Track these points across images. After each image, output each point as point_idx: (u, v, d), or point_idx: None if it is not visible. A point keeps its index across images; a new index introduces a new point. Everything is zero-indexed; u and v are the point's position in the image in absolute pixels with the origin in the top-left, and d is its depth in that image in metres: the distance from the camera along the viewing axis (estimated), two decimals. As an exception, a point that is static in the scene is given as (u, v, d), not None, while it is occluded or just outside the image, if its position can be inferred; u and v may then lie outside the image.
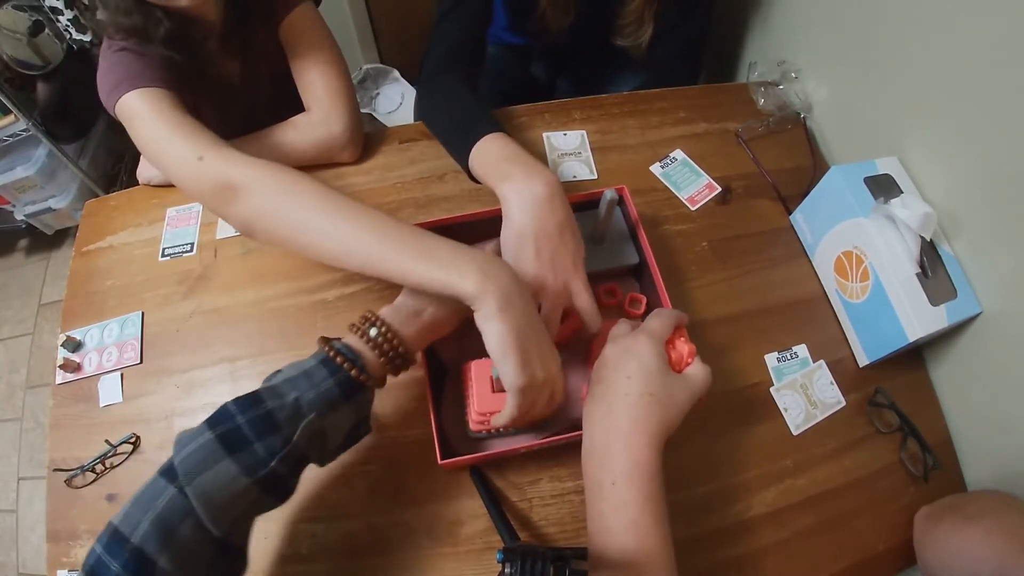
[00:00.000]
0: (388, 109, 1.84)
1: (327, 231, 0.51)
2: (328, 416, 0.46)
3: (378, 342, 0.49)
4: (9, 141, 1.42)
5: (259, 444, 0.42)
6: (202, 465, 0.41)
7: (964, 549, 0.52)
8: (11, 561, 1.39)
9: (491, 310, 0.46)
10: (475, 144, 0.62)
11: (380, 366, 0.49)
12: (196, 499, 0.40)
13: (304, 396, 0.45)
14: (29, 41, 1.33)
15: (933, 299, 0.60)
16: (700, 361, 0.52)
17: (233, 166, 0.55)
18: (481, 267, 0.48)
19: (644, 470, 0.45)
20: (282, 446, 0.43)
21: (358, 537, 0.58)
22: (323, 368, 0.46)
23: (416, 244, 0.50)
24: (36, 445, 1.50)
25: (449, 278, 0.47)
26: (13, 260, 1.79)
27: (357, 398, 0.48)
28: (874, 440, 0.65)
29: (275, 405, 0.44)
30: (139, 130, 0.62)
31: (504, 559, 0.42)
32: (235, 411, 0.43)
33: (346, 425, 0.48)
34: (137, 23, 0.64)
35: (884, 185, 0.66)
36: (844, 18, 0.77)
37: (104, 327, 0.71)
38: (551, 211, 0.54)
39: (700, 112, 0.86)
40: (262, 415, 0.43)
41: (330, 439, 0.47)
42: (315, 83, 0.75)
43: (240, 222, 0.56)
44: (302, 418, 0.44)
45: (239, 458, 0.41)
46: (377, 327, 0.49)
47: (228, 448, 0.41)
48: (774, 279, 0.73)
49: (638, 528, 0.44)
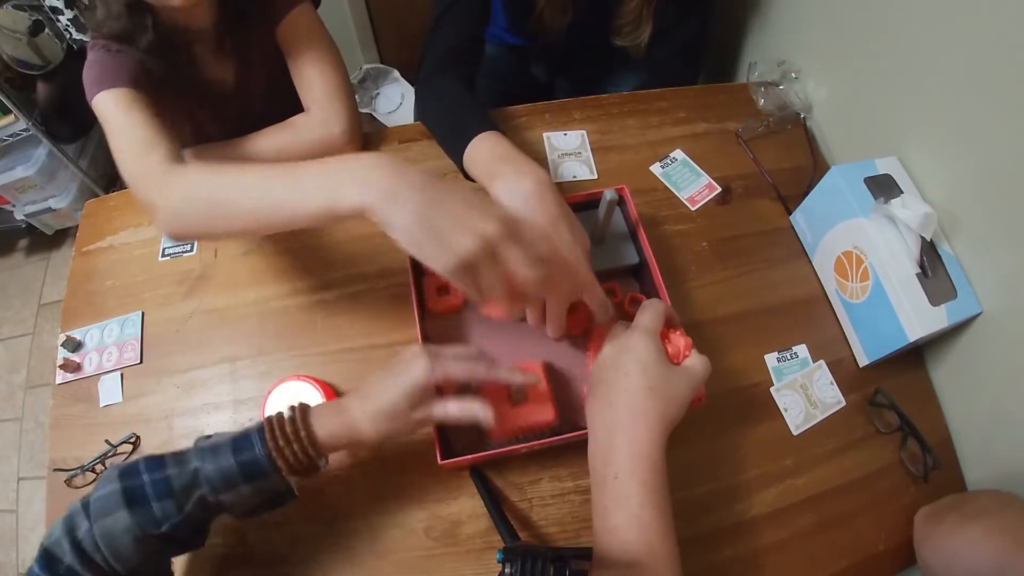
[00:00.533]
0: (388, 109, 1.84)
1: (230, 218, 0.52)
2: (224, 492, 0.46)
3: (286, 433, 0.47)
4: (9, 141, 1.42)
5: (156, 505, 0.44)
6: (105, 511, 0.44)
7: (964, 549, 0.52)
8: (11, 561, 1.39)
9: (384, 215, 0.43)
10: (469, 144, 0.62)
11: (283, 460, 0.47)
12: (100, 539, 0.43)
13: (203, 469, 0.45)
14: (29, 41, 1.33)
15: (933, 299, 0.60)
16: (698, 352, 0.52)
17: (148, 184, 0.57)
18: (357, 176, 0.44)
19: (646, 462, 0.45)
20: (176, 512, 0.45)
21: (358, 537, 0.58)
22: (229, 447, 0.46)
23: (294, 179, 0.47)
24: (36, 445, 1.50)
25: (330, 203, 0.45)
26: (13, 260, 1.79)
27: (259, 482, 0.47)
28: (874, 440, 0.65)
29: (174, 472, 0.45)
30: (106, 130, 0.64)
31: (504, 559, 0.42)
32: (143, 469, 0.46)
33: (252, 501, 0.48)
34: (125, 27, 0.65)
35: (884, 185, 0.66)
36: (844, 18, 0.77)
37: (104, 327, 0.70)
38: (542, 206, 0.54)
39: (700, 112, 0.86)
40: (162, 479, 0.45)
41: (233, 510, 0.48)
42: (314, 84, 0.75)
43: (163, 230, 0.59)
44: (197, 489, 0.45)
45: (136, 513, 0.44)
46: (296, 419, 0.48)
47: (128, 502, 0.44)
48: (774, 279, 0.73)
49: (640, 521, 0.44)
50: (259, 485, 0.47)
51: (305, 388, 0.61)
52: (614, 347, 0.52)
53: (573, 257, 0.53)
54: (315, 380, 0.62)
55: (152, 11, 0.65)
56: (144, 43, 0.66)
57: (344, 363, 0.67)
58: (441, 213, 0.43)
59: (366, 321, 0.69)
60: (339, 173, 0.46)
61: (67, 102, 1.45)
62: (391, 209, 0.43)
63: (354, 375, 0.66)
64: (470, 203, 0.44)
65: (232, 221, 0.52)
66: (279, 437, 0.47)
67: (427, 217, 0.43)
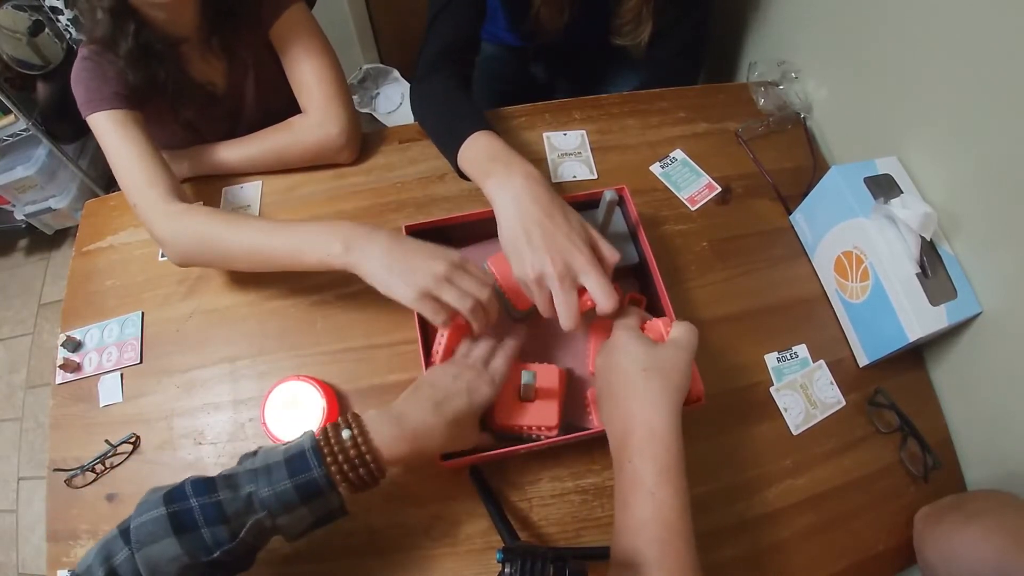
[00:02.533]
0: (388, 109, 1.83)
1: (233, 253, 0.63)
2: (281, 516, 0.44)
3: (345, 448, 0.46)
4: (9, 141, 1.42)
5: (206, 531, 0.42)
6: (151, 537, 0.41)
7: (964, 548, 0.52)
8: (11, 561, 1.39)
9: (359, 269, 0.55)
10: (462, 144, 0.63)
11: (344, 476, 0.46)
12: (143, 566, 0.41)
13: (259, 493, 0.44)
14: (29, 41, 1.33)
15: (933, 299, 0.60)
16: (679, 322, 0.53)
17: (154, 220, 0.65)
18: (339, 239, 0.56)
19: (658, 440, 0.45)
20: (229, 539, 0.42)
21: (358, 537, 0.58)
22: (284, 468, 0.44)
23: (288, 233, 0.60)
24: (36, 445, 1.50)
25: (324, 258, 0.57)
26: (13, 260, 1.79)
27: (317, 502, 0.45)
28: (874, 440, 0.65)
29: (227, 497, 0.43)
30: (105, 151, 0.68)
31: (504, 559, 0.42)
32: (190, 493, 0.43)
33: (304, 522, 0.46)
34: (109, 32, 0.65)
35: (884, 185, 0.66)
36: (844, 18, 0.77)
37: (104, 327, 0.71)
38: (533, 198, 0.55)
39: (700, 112, 0.86)
40: (213, 504, 0.43)
41: (287, 532, 0.46)
42: (310, 85, 0.75)
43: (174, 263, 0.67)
44: (252, 514, 0.43)
45: (184, 540, 0.41)
46: (352, 431, 0.47)
47: (176, 528, 0.42)
48: (774, 279, 0.73)
49: (655, 499, 0.43)
50: (317, 505, 0.45)
51: (305, 388, 0.61)
52: (604, 354, 0.53)
53: (569, 242, 0.53)
54: (315, 380, 0.62)
55: (136, 14, 0.66)
56: (126, 48, 0.66)
57: (344, 363, 0.67)
58: (401, 260, 0.54)
59: (366, 321, 0.69)
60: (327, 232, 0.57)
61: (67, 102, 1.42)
62: (366, 266, 0.55)
63: (354, 375, 0.66)
64: (425, 251, 0.55)
65: (232, 264, 0.66)
66: (339, 456, 0.45)
67: (390, 266, 0.54)
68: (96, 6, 0.64)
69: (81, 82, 0.68)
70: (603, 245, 0.56)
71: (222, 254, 0.63)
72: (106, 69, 0.68)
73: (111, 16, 0.64)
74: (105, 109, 0.66)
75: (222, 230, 0.62)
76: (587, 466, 0.61)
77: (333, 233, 0.57)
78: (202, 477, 0.45)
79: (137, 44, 0.67)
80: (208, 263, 0.69)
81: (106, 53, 0.67)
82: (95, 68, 0.68)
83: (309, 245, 0.58)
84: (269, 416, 0.60)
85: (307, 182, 0.79)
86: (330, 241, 0.56)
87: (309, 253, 0.58)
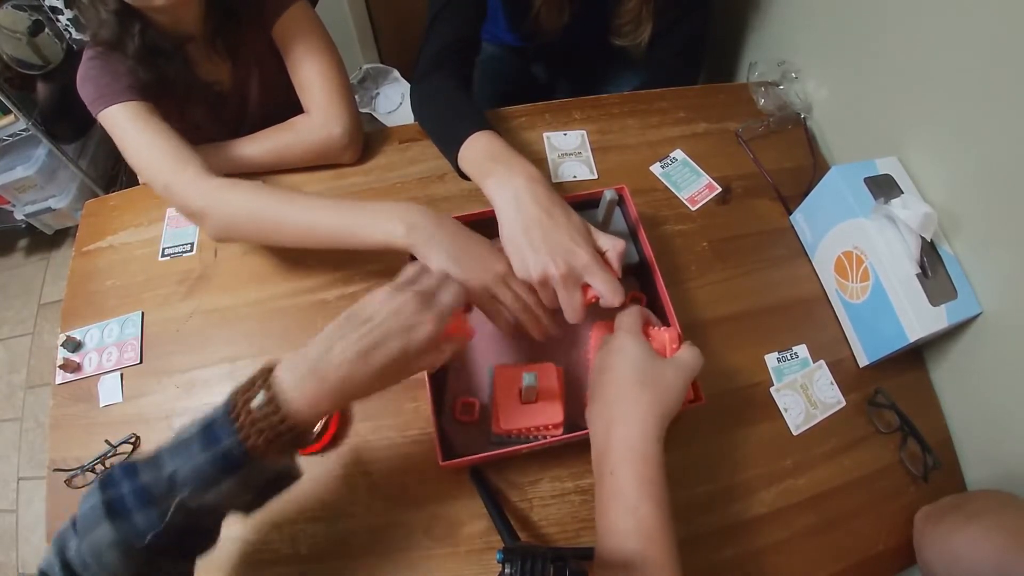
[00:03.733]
0: (388, 109, 1.83)
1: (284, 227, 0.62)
2: (206, 493, 0.40)
3: (257, 417, 0.41)
4: (9, 141, 1.42)
5: (138, 515, 0.40)
6: (90, 525, 0.40)
7: (964, 548, 0.52)
8: (11, 561, 1.39)
9: (425, 254, 0.54)
10: (462, 144, 0.63)
11: (264, 445, 0.41)
12: (89, 556, 0.40)
13: (180, 470, 0.40)
14: (29, 41, 1.33)
15: (933, 299, 0.60)
16: (689, 344, 0.52)
17: (192, 195, 0.64)
18: (405, 219, 0.55)
19: (639, 454, 0.45)
20: (159, 521, 0.39)
21: (358, 537, 0.58)
22: (197, 440, 0.40)
23: (350, 211, 0.59)
24: (36, 445, 1.50)
25: (387, 237, 0.56)
26: (13, 260, 1.79)
27: (242, 474, 0.41)
28: (874, 440, 0.65)
29: (151, 478, 0.40)
30: (120, 143, 0.68)
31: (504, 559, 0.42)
32: (120, 477, 0.41)
33: (245, 495, 0.43)
34: (115, 34, 0.66)
35: (884, 185, 0.66)
36: (844, 18, 0.77)
37: (104, 327, 0.70)
38: (533, 198, 0.55)
39: (700, 112, 0.86)
40: (140, 487, 0.40)
41: (229, 507, 0.43)
42: (313, 85, 0.75)
43: (211, 237, 0.67)
44: (176, 494, 0.40)
45: (118, 526, 0.40)
46: (263, 396, 0.41)
47: (110, 514, 0.40)
48: (774, 279, 0.73)
49: (637, 514, 0.44)
50: (243, 477, 0.41)
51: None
52: (603, 352, 0.53)
53: (571, 241, 0.53)
54: (315, 380, 0.62)
55: (140, 15, 0.66)
56: (133, 49, 0.67)
57: (344, 363, 0.67)
58: (465, 253, 0.55)
59: (366, 321, 0.69)
60: (389, 212, 0.57)
61: (67, 102, 1.45)
62: (431, 251, 0.54)
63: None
64: (486, 248, 0.56)
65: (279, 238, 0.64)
66: (254, 424, 0.40)
67: (457, 257, 0.54)
68: (100, 8, 0.65)
69: (90, 80, 0.68)
70: (604, 237, 0.56)
71: (272, 227, 0.62)
72: (116, 66, 0.68)
73: (116, 17, 0.65)
74: (120, 102, 0.67)
75: (275, 203, 0.62)
76: (587, 466, 0.61)
77: (396, 214, 0.56)
78: (132, 460, 0.42)
79: (143, 43, 0.67)
80: (251, 237, 0.67)
81: (114, 52, 0.68)
82: (104, 65, 0.68)
83: (371, 224, 0.57)
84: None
85: (308, 182, 0.79)
86: (393, 222, 0.56)
87: (371, 232, 0.57)
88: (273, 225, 0.62)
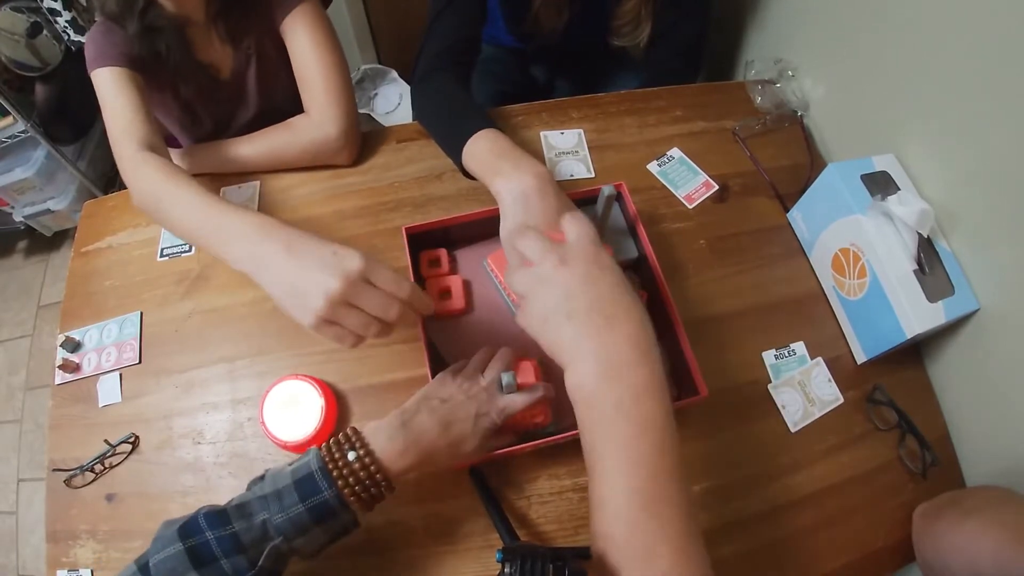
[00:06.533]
0: (386, 110, 1.83)
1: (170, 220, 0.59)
2: (297, 539, 0.44)
3: (354, 469, 0.46)
4: (8, 143, 1.42)
5: (226, 562, 0.42)
6: (172, 574, 0.41)
7: (963, 544, 0.52)
8: (11, 563, 1.39)
9: (254, 274, 0.49)
10: (467, 142, 0.62)
11: (355, 497, 0.46)
12: None
13: (272, 519, 0.44)
14: (27, 43, 1.33)
15: (931, 296, 0.61)
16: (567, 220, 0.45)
17: (124, 166, 0.65)
18: (236, 244, 0.51)
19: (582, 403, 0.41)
20: (248, 567, 0.43)
21: (357, 536, 0.58)
22: (294, 492, 0.44)
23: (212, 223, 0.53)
24: (36, 447, 1.50)
25: (229, 260, 0.51)
26: (12, 262, 1.79)
27: (330, 522, 0.45)
28: (872, 437, 0.65)
29: (242, 527, 0.43)
30: (102, 106, 0.69)
31: (503, 559, 0.42)
32: (205, 526, 0.43)
33: (319, 541, 0.46)
34: (114, 10, 0.68)
35: (881, 182, 0.66)
36: (841, 16, 0.77)
37: (103, 327, 0.71)
38: (542, 201, 0.55)
39: (697, 110, 0.86)
40: (229, 535, 0.43)
41: (303, 553, 0.46)
42: (314, 84, 0.75)
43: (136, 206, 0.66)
44: (269, 540, 0.43)
45: (205, 573, 0.41)
46: (357, 451, 0.47)
47: (195, 562, 0.41)
48: (772, 277, 0.74)
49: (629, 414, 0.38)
50: (331, 525, 0.45)
51: (304, 387, 0.61)
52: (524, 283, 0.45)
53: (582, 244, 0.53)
54: (314, 379, 0.62)
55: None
56: (134, 24, 0.69)
57: (342, 362, 0.67)
58: (296, 279, 0.47)
59: (364, 320, 0.69)
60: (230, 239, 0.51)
61: (66, 103, 1.45)
62: (263, 280, 0.49)
63: (352, 374, 0.66)
64: (318, 264, 0.46)
65: (171, 230, 0.62)
66: (348, 477, 0.45)
67: (290, 286, 0.47)
68: None
69: (93, 41, 0.70)
70: None
71: (164, 216, 0.60)
72: (117, 33, 0.70)
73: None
74: (109, 65, 0.68)
75: (167, 189, 0.59)
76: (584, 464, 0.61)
77: (234, 242, 0.51)
78: (214, 508, 0.45)
79: (143, 22, 0.69)
80: (158, 222, 0.66)
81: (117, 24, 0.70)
82: (108, 31, 0.70)
83: (216, 245, 0.52)
84: (268, 415, 0.60)
85: (305, 182, 0.79)
86: (231, 241, 0.51)
87: (216, 246, 0.53)
88: (165, 213, 0.59)
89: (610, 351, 0.40)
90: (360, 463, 0.46)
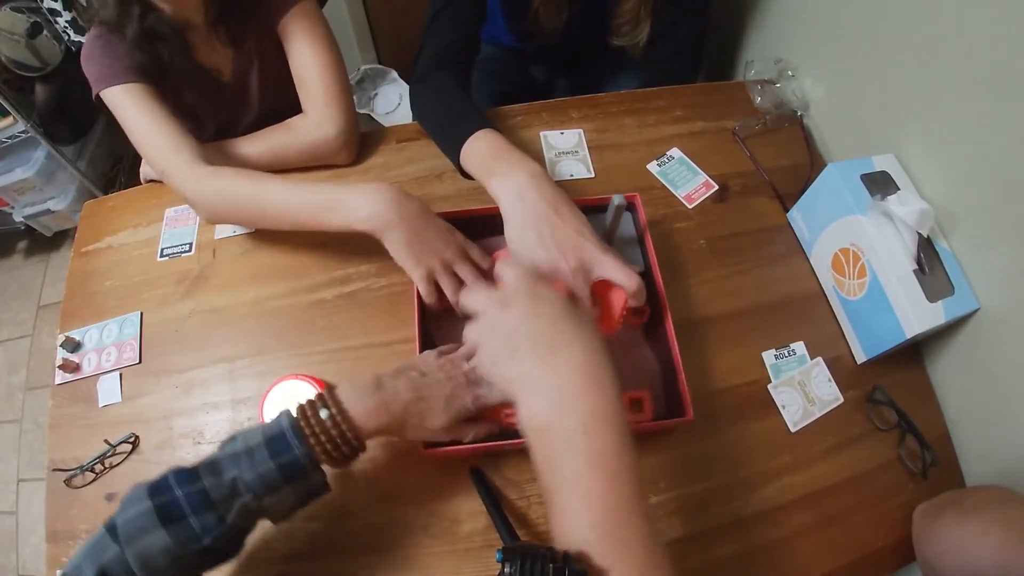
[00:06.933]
0: (386, 110, 1.83)
1: (263, 211, 0.66)
2: (266, 497, 0.44)
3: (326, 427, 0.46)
4: (8, 143, 1.42)
5: (194, 519, 0.42)
6: (140, 532, 0.41)
7: (963, 544, 0.52)
8: (11, 563, 1.39)
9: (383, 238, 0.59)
10: (464, 143, 0.63)
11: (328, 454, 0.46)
12: (133, 561, 0.41)
13: (242, 476, 0.44)
14: (27, 43, 1.33)
15: (930, 295, 0.61)
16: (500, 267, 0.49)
17: (183, 183, 0.68)
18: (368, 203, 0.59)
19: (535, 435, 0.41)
20: (216, 524, 0.43)
21: (357, 536, 0.58)
22: (265, 449, 0.44)
23: (320, 193, 0.63)
24: (36, 447, 1.50)
25: (347, 223, 0.60)
26: (12, 262, 1.79)
27: (300, 482, 0.45)
28: (872, 437, 0.65)
29: (211, 483, 0.43)
30: (122, 123, 0.70)
31: (503, 559, 0.42)
32: (174, 483, 0.43)
33: (288, 503, 0.46)
34: (116, 15, 0.68)
35: (881, 182, 0.66)
36: (841, 16, 0.77)
37: (103, 327, 0.71)
38: (538, 194, 0.55)
39: (697, 110, 0.86)
40: (197, 491, 0.43)
41: (273, 514, 0.46)
42: (312, 85, 0.75)
43: (204, 221, 0.75)
44: (238, 497, 0.43)
45: (173, 530, 0.41)
46: (329, 409, 0.47)
47: (163, 519, 0.42)
48: (771, 276, 0.74)
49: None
50: (300, 484, 0.46)
51: (303, 387, 0.61)
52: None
53: (579, 236, 0.54)
54: (313, 379, 0.62)
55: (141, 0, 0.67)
56: (132, 31, 0.68)
57: (342, 362, 0.67)
58: (418, 239, 0.59)
59: (364, 320, 0.69)
60: (356, 197, 0.60)
61: (66, 104, 1.45)
62: (386, 236, 0.59)
63: (352, 374, 0.66)
64: (442, 234, 0.60)
65: (262, 222, 0.69)
66: (320, 435, 0.45)
67: (409, 240, 0.59)
68: None
69: (94, 59, 0.70)
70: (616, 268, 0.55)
71: (256, 211, 0.66)
72: (117, 46, 0.69)
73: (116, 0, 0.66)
74: (120, 83, 0.68)
75: (255, 188, 0.65)
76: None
77: (362, 199, 0.59)
78: (184, 467, 0.45)
79: (142, 27, 0.68)
80: (237, 221, 0.72)
81: (114, 33, 0.69)
82: (107, 45, 0.70)
83: (335, 207, 0.60)
84: (268, 415, 0.61)
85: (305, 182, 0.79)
86: (356, 207, 0.59)
87: (333, 215, 0.61)
88: (256, 210, 0.66)
89: (559, 380, 0.41)
90: (332, 421, 0.46)
